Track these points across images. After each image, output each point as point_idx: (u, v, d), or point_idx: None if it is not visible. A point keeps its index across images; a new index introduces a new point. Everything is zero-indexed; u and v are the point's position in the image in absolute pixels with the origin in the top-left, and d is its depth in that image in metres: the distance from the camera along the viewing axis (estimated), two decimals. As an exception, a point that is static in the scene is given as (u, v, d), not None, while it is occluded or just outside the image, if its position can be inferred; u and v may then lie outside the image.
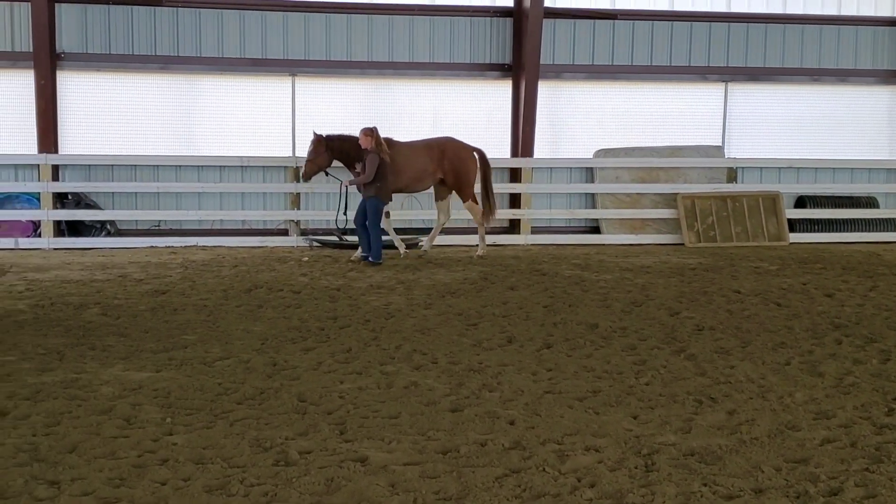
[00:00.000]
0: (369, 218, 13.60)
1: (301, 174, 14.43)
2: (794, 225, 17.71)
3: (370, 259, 13.64)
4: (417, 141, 14.83)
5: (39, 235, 15.78)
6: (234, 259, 14.22)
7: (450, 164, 14.55)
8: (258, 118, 14.44)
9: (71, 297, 10.60)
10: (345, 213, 14.62)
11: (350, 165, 14.31)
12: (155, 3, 16.41)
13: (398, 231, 15.52)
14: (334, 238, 15.94)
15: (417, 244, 15.97)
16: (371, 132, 13.57)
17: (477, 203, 14.83)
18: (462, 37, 17.44)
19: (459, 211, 16.91)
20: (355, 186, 13.90)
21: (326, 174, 14.50)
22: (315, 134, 14.19)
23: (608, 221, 17.52)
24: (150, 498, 4.58)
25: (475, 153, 14.84)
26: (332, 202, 15.59)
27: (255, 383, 6.78)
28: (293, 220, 16.34)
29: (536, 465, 5.08)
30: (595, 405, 6.27)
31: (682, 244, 16.80)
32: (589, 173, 17.75)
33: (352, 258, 14.12)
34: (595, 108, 18.02)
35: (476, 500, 4.58)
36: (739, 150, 18.31)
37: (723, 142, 18.38)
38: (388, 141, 13.97)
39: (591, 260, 14.44)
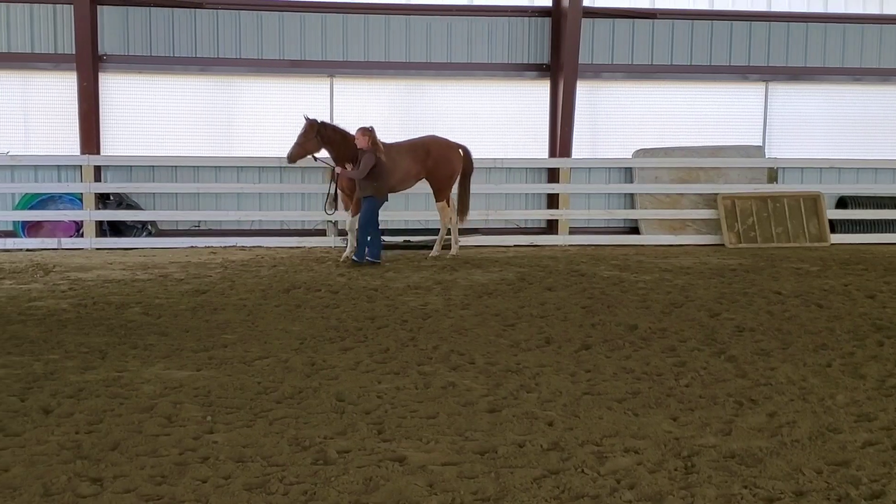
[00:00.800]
0: (366, 217, 13.57)
1: (286, 154, 14.11)
2: (835, 226, 17.53)
3: (369, 258, 13.56)
4: (403, 142, 14.72)
5: (82, 235, 15.97)
6: (272, 259, 14.30)
7: (434, 163, 14.49)
8: (297, 119, 14.47)
9: (113, 297, 10.71)
10: (334, 202, 14.61)
11: (336, 158, 14.11)
12: (195, 6, 16.56)
13: (435, 232, 15.50)
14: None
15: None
16: (368, 132, 13.49)
17: (449, 206, 14.77)
18: (500, 37, 17.42)
19: (498, 211, 16.94)
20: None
21: (315, 158, 14.35)
22: (307, 119, 14.04)
23: (647, 222, 17.43)
24: (192, 495, 4.62)
25: (460, 150, 14.79)
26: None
27: (294, 382, 6.81)
28: (331, 221, 16.40)
29: (575, 466, 5.06)
30: (634, 407, 6.23)
31: (723, 245, 16.67)
32: (628, 173, 17.67)
33: (341, 259, 14.05)
34: (634, 107, 17.94)
35: (514, 501, 4.57)
36: (780, 150, 18.15)
37: (763, 142, 18.23)
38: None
39: (630, 260, 14.36)
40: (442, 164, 14.50)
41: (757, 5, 18.10)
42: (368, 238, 13.63)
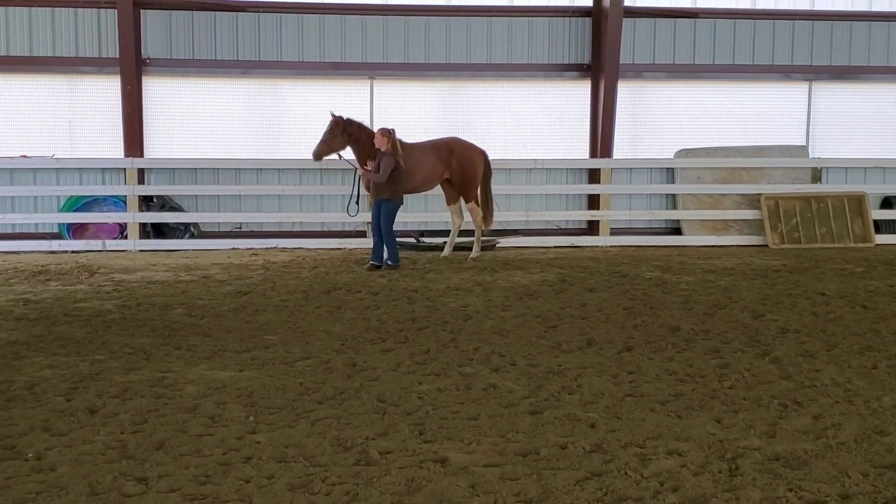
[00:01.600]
0: (383, 221, 13.37)
1: (312, 153, 14.08)
2: (879, 226, 17.31)
3: (389, 262, 13.38)
4: (425, 142, 14.60)
5: (126, 237, 16.15)
6: (313, 261, 14.36)
7: (457, 164, 14.35)
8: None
9: (156, 298, 10.82)
10: (357, 202, 14.50)
11: (359, 156, 14.03)
12: (237, 9, 16.69)
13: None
14: (412, 240, 16.02)
15: (494, 245, 15.97)
16: (388, 133, 13.27)
17: (479, 205, 14.67)
18: (540, 37, 17.39)
19: (538, 212, 16.90)
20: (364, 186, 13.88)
21: (339, 157, 14.30)
22: (333, 115, 14.02)
23: (689, 222, 17.31)
24: (235, 495, 4.65)
25: (481, 152, 14.67)
26: (410, 205, 15.57)
27: (336, 383, 6.84)
28: (370, 223, 16.41)
29: (618, 468, 5.03)
30: (677, 409, 6.19)
31: (766, 245, 16.52)
32: (669, 174, 17.56)
33: (366, 266, 13.63)
34: (676, 107, 17.83)
35: (557, 503, 4.56)
36: (824, 149, 17.95)
37: (807, 141, 18.04)
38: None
39: (672, 262, 14.27)
40: (465, 164, 14.40)
41: (800, 4, 17.91)
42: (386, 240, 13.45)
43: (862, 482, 4.82)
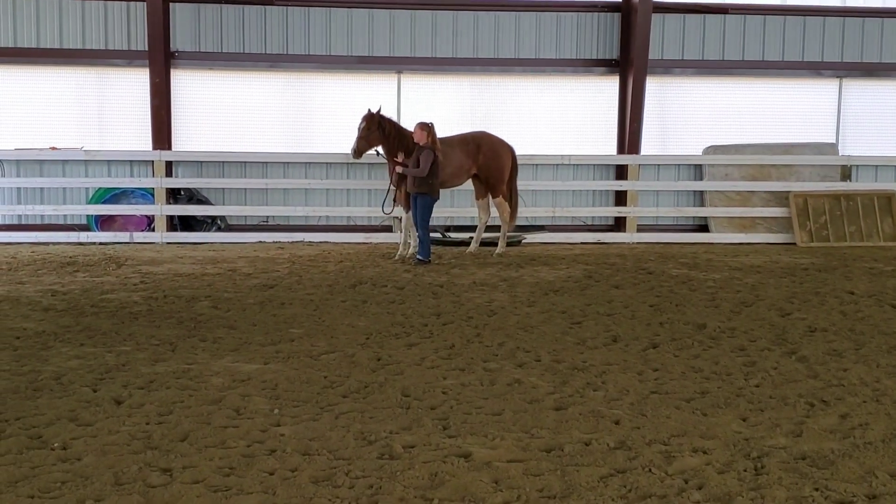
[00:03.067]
0: (420, 215, 13.30)
1: (352, 150, 13.89)
2: (910, 225, 17.14)
3: (419, 257, 13.34)
4: (453, 136, 14.38)
5: (153, 230, 16.24)
6: (339, 255, 14.39)
7: (484, 159, 14.21)
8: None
9: (183, 290, 10.87)
10: (394, 200, 14.28)
11: (388, 151, 13.85)
12: (266, 3, 16.73)
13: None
14: (438, 235, 16.00)
15: (520, 241, 15.94)
16: (428, 127, 13.19)
17: (506, 200, 14.52)
18: (568, 32, 17.33)
19: (565, 208, 16.86)
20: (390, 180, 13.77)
21: (378, 153, 14.14)
22: (369, 111, 13.86)
23: (717, 220, 17.20)
24: (259, 487, 4.66)
25: (509, 147, 14.51)
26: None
27: (360, 377, 6.84)
28: (397, 217, 16.42)
29: (642, 465, 5.00)
30: (703, 406, 6.15)
31: (794, 243, 16.39)
32: (697, 171, 17.46)
33: (397, 258, 13.81)
34: (704, 104, 17.72)
35: (580, 500, 4.54)
36: (854, 147, 17.80)
37: (837, 139, 17.89)
38: None
39: (699, 259, 14.19)
40: (492, 158, 14.25)
41: (831, 0, 17.75)
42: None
43: (889, 482, 4.77)
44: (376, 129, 13.76)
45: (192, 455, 5.11)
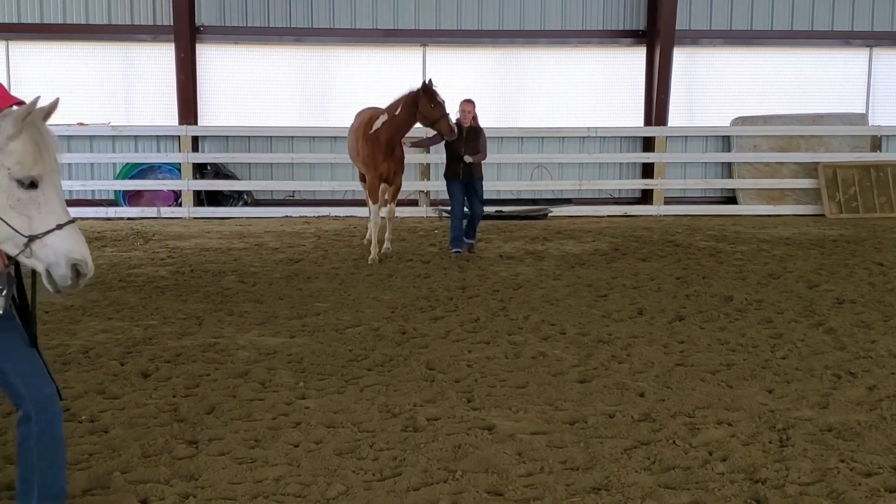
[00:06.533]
0: (460, 203, 11.72)
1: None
2: (942, 195, 16.92)
3: (470, 244, 11.87)
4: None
5: (180, 205, 16.30)
6: (364, 229, 14.37)
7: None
8: (390, 89, 14.43)
9: (210, 265, 10.93)
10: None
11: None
12: (290, -24, 16.69)
13: (528, 202, 15.33)
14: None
15: (546, 215, 15.88)
16: (473, 104, 11.74)
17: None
18: (595, 3, 17.18)
19: (592, 181, 16.76)
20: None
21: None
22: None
23: (745, 192, 17.04)
24: (284, 459, 4.70)
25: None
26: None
27: (385, 350, 6.86)
28: (423, 191, 16.42)
29: (666, 437, 5.00)
30: (728, 378, 6.12)
31: (823, 215, 16.23)
32: (725, 142, 17.32)
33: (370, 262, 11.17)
34: (732, 74, 17.52)
35: (604, 471, 4.54)
36: (884, 117, 17.55)
37: (867, 109, 17.66)
38: None
39: (727, 231, 14.09)
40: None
41: (862, -32, 17.52)
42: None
43: (916, 455, 4.74)
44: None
45: (219, 427, 5.16)
